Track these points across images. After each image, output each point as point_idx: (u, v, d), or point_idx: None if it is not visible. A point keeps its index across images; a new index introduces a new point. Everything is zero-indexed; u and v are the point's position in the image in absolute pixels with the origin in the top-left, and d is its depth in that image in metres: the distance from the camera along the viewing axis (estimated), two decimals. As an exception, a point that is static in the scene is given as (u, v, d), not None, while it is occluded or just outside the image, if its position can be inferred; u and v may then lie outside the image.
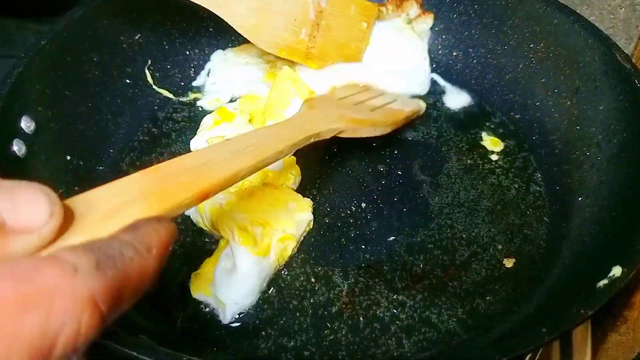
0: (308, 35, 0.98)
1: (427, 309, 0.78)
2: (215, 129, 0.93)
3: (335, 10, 1.00)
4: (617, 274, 0.64)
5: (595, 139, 0.88)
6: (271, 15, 0.94)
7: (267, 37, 0.96)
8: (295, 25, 0.97)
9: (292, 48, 0.98)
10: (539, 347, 0.69)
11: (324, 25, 0.99)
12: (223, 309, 0.76)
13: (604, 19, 1.15)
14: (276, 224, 0.81)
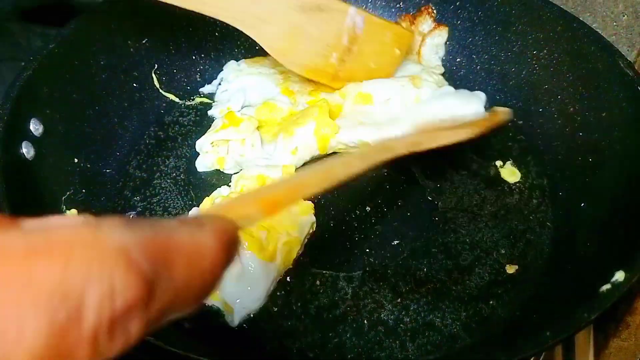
0: (338, 59, 0.95)
1: (430, 313, 0.78)
2: (221, 132, 0.94)
3: (369, 37, 0.96)
4: (620, 279, 0.65)
5: (598, 145, 0.88)
6: (303, 39, 0.92)
7: (297, 59, 0.94)
8: (327, 50, 0.94)
9: (320, 70, 0.96)
10: (541, 351, 0.70)
11: (356, 50, 0.96)
12: (231, 313, 0.77)
13: (606, 26, 1.16)
14: (280, 227, 0.82)
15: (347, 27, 0.93)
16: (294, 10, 0.89)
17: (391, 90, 0.98)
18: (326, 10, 0.91)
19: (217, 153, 0.95)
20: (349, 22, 0.93)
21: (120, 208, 0.90)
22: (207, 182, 0.93)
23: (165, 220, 0.34)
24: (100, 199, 0.90)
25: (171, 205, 0.91)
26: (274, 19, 0.89)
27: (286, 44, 0.91)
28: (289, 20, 0.89)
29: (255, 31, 0.89)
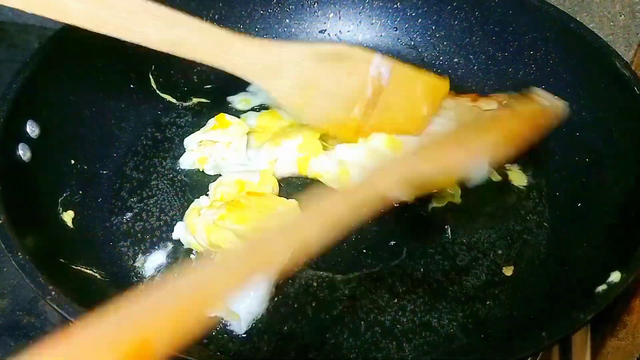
0: (361, 113, 0.85)
1: (427, 313, 0.78)
2: (210, 133, 0.94)
3: (396, 88, 0.85)
4: (616, 280, 0.65)
5: (595, 146, 0.89)
6: (321, 93, 0.82)
7: (314, 115, 0.84)
8: (348, 104, 0.84)
9: (341, 125, 0.86)
10: (538, 351, 0.70)
11: (381, 103, 0.85)
12: (238, 320, 0.76)
13: (603, 26, 1.16)
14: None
15: (371, 78, 0.83)
16: (310, 60, 0.80)
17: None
18: (347, 60, 0.82)
19: (201, 152, 0.95)
20: (374, 73, 0.83)
21: (117, 209, 0.90)
22: (204, 184, 0.93)
23: None
24: (97, 200, 0.90)
25: (168, 206, 0.91)
26: (287, 71, 0.80)
27: (301, 99, 0.82)
28: (305, 71, 0.80)
29: (266, 84, 0.80)
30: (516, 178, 0.94)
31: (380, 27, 1.16)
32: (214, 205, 0.84)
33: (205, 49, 0.76)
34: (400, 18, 1.14)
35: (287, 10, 1.16)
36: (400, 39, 1.15)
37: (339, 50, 0.81)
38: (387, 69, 0.84)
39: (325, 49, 0.81)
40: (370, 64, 0.83)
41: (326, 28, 1.17)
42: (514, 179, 0.94)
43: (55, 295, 0.61)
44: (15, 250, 0.65)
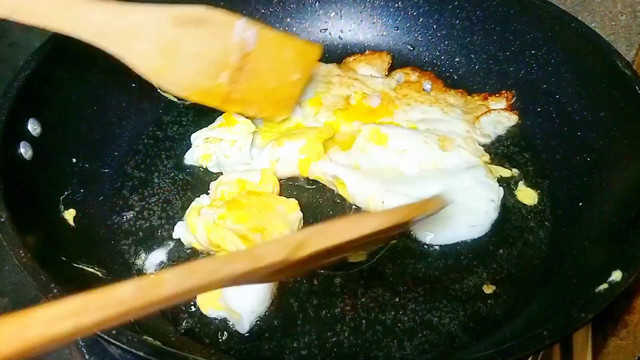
0: (229, 79, 0.82)
1: (428, 312, 0.78)
2: (217, 130, 0.94)
3: (265, 54, 0.82)
4: (617, 279, 0.65)
5: (596, 145, 0.89)
6: (182, 57, 0.78)
7: (176, 80, 0.80)
8: (213, 69, 0.80)
9: (207, 92, 0.83)
10: (539, 350, 0.70)
11: (250, 69, 0.82)
12: (240, 320, 0.76)
13: (605, 26, 1.16)
14: (272, 228, 0.81)
15: (235, 43, 0.79)
16: (167, 24, 0.75)
17: (411, 142, 0.92)
18: (207, 24, 0.77)
19: (206, 149, 0.95)
20: (237, 37, 0.79)
21: (119, 208, 0.90)
22: (206, 182, 0.93)
23: None
24: (99, 199, 0.90)
25: (169, 205, 0.91)
26: (143, 34, 0.75)
27: (161, 62, 0.77)
28: (162, 36, 0.76)
29: (121, 49, 0.75)
30: (526, 197, 0.92)
31: (381, 26, 1.16)
32: (214, 205, 0.84)
33: (48, 13, 0.70)
34: (402, 17, 1.14)
35: (288, 9, 1.16)
36: (402, 38, 1.15)
37: (199, 14, 0.77)
38: (253, 33, 0.80)
39: (184, 12, 0.76)
40: (233, 28, 0.79)
41: (327, 27, 1.18)
42: (523, 199, 0.92)
43: (57, 293, 0.61)
44: (17, 248, 0.65)
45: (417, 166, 0.91)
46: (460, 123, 0.98)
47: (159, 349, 0.57)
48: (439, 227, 0.85)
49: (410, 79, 1.08)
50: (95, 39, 0.73)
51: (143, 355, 0.56)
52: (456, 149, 0.93)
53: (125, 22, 0.73)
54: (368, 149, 0.93)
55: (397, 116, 1.00)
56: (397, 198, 0.86)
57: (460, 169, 0.91)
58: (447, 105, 1.03)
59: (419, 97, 1.04)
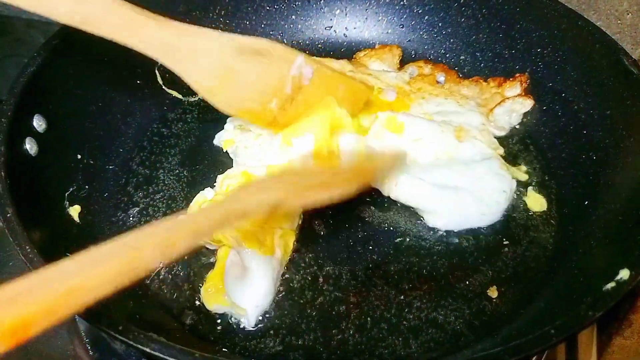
0: (278, 106, 0.83)
1: (434, 310, 0.78)
2: (247, 121, 0.92)
3: (318, 89, 0.84)
4: (625, 277, 0.64)
5: (602, 143, 0.88)
6: (237, 83, 0.80)
7: (228, 101, 0.82)
8: (265, 97, 0.82)
9: (255, 115, 0.84)
10: (546, 349, 0.70)
11: (300, 100, 0.84)
12: (245, 314, 0.76)
13: (610, 24, 1.16)
14: (272, 222, 0.81)
15: (292, 76, 0.82)
16: (229, 52, 0.78)
17: (427, 131, 0.93)
18: (268, 56, 0.80)
19: (233, 135, 0.95)
20: (295, 72, 0.82)
21: (123, 204, 0.90)
22: (211, 179, 0.93)
23: None
24: (103, 195, 0.90)
25: (174, 201, 0.91)
26: (205, 57, 0.77)
27: (217, 84, 0.79)
28: (223, 61, 0.78)
29: (182, 68, 0.77)
30: (534, 204, 0.91)
31: (386, 23, 1.16)
32: (215, 199, 0.84)
33: (116, 26, 0.72)
34: (407, 15, 1.14)
35: (293, 6, 1.16)
36: (407, 36, 1.14)
37: (260, 46, 0.79)
38: (310, 69, 0.83)
39: (246, 42, 0.79)
40: (292, 64, 0.82)
41: (332, 25, 1.17)
42: (533, 206, 0.91)
43: (63, 288, 0.61)
44: (22, 244, 0.65)
45: (432, 155, 0.92)
46: (475, 115, 0.99)
47: (164, 344, 0.57)
48: (450, 212, 0.86)
49: (424, 72, 1.09)
50: (159, 55, 0.75)
51: (148, 351, 0.56)
52: (471, 140, 0.94)
53: (190, 44, 0.76)
54: (384, 135, 0.93)
55: (414, 110, 1.00)
56: (410, 180, 0.87)
57: (474, 159, 0.91)
58: (462, 97, 1.03)
59: (433, 90, 1.05)
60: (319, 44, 1.17)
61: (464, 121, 0.97)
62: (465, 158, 0.92)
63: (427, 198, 0.87)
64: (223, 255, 0.81)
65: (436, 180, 0.88)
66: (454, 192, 0.87)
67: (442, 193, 0.87)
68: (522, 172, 0.95)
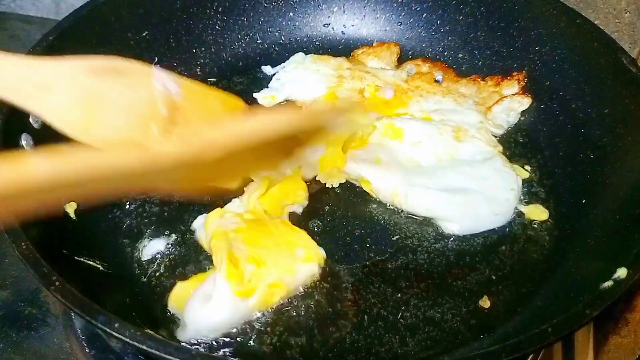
0: (161, 131, 0.75)
1: (431, 308, 0.78)
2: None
3: (193, 105, 0.78)
4: (622, 276, 0.64)
5: (600, 142, 0.88)
6: (104, 109, 0.72)
7: (102, 133, 0.72)
8: (142, 121, 0.74)
9: (138, 146, 0.73)
10: (543, 347, 0.70)
11: (181, 120, 0.77)
12: (183, 328, 0.75)
13: (609, 23, 1.15)
14: (274, 266, 0.77)
15: (159, 93, 0.75)
16: (83, 75, 0.70)
17: (425, 133, 0.93)
18: (127, 74, 0.73)
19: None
20: (159, 86, 0.75)
21: (120, 201, 0.90)
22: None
23: None
24: (100, 192, 0.90)
25: (169, 198, 0.91)
26: (57, 86, 0.68)
27: (81, 116, 0.70)
28: (79, 87, 0.70)
29: (34, 104, 0.68)
30: (535, 214, 0.90)
31: (384, 21, 1.15)
32: (241, 216, 0.82)
33: None
34: (405, 12, 1.14)
35: (291, 3, 1.16)
36: (405, 34, 1.14)
37: (115, 65, 0.73)
38: (174, 83, 0.77)
39: (100, 63, 0.72)
40: (152, 77, 0.75)
41: (330, 22, 1.17)
42: (535, 217, 0.89)
43: (59, 285, 0.61)
44: (18, 241, 0.65)
45: (433, 157, 0.92)
46: (473, 114, 0.99)
47: (160, 342, 0.57)
48: (463, 217, 0.86)
49: (422, 70, 1.09)
50: (7, 93, 0.66)
51: (145, 349, 0.56)
52: (470, 139, 0.94)
53: (39, 75, 0.67)
54: (385, 143, 0.93)
55: (411, 107, 1.00)
56: (419, 191, 0.87)
57: (476, 159, 0.92)
58: (460, 95, 1.04)
59: (431, 88, 1.05)
60: (316, 41, 1.16)
61: (462, 120, 0.97)
62: (467, 158, 0.92)
63: (439, 205, 0.87)
64: (213, 269, 0.79)
65: (444, 185, 0.88)
66: (464, 195, 0.87)
67: (452, 198, 0.87)
68: (523, 170, 0.95)
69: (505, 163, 0.92)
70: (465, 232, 0.86)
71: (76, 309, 0.59)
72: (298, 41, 1.16)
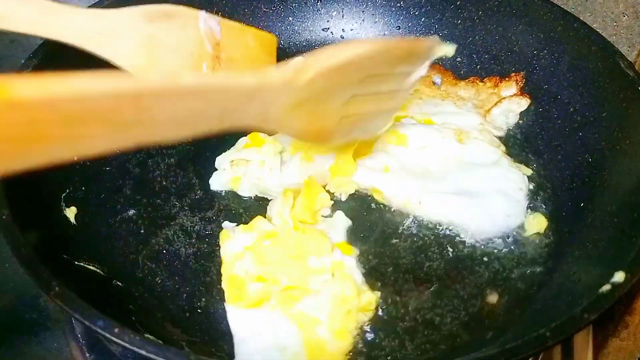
0: (210, 69, 0.85)
1: (430, 311, 0.78)
2: (243, 152, 0.92)
3: (232, 42, 0.87)
4: (620, 280, 0.64)
5: (598, 145, 0.88)
6: (161, 51, 0.81)
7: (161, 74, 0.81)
8: (193, 60, 0.84)
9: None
10: (541, 351, 0.70)
11: (225, 57, 0.86)
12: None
13: (607, 26, 1.16)
14: (285, 276, 0.77)
15: (204, 32, 0.84)
16: (140, 21, 0.80)
17: (429, 138, 0.93)
18: (175, 16, 0.82)
19: (234, 172, 0.92)
20: (204, 27, 0.84)
21: (120, 206, 0.90)
22: (208, 181, 0.93)
23: None
24: (100, 197, 0.90)
25: (170, 203, 0.91)
26: (120, 32, 0.78)
27: (144, 60, 0.80)
28: (138, 32, 0.80)
29: (105, 50, 0.77)
30: (535, 225, 0.88)
31: (383, 25, 1.16)
32: (260, 236, 0.81)
33: (34, 21, 0.73)
34: (404, 17, 1.14)
35: (290, 8, 1.16)
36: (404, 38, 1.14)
37: (166, 9, 0.82)
38: (215, 22, 0.86)
39: (153, 9, 0.81)
40: (198, 18, 0.84)
41: (329, 26, 1.17)
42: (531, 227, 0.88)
43: (58, 290, 0.61)
44: (18, 246, 0.65)
45: (441, 160, 0.92)
46: (473, 116, 0.99)
47: (160, 347, 0.57)
48: (480, 219, 0.86)
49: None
50: (81, 42, 0.76)
51: (144, 354, 0.56)
52: (473, 140, 0.94)
53: (104, 24, 0.77)
54: (390, 150, 0.93)
55: (411, 110, 1.00)
56: (432, 197, 0.87)
57: (482, 160, 0.92)
58: (459, 99, 1.04)
59: (430, 92, 1.05)
60: (315, 45, 1.17)
61: (463, 122, 0.98)
62: (474, 160, 0.92)
63: (454, 210, 0.86)
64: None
65: (457, 189, 0.88)
66: (477, 198, 0.87)
67: (466, 201, 0.86)
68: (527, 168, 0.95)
69: (511, 163, 0.92)
70: (482, 236, 0.85)
71: (75, 313, 0.59)
72: (297, 45, 1.16)
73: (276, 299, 0.75)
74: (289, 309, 0.75)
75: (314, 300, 0.75)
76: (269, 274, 0.76)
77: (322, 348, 0.73)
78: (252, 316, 0.75)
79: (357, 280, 0.79)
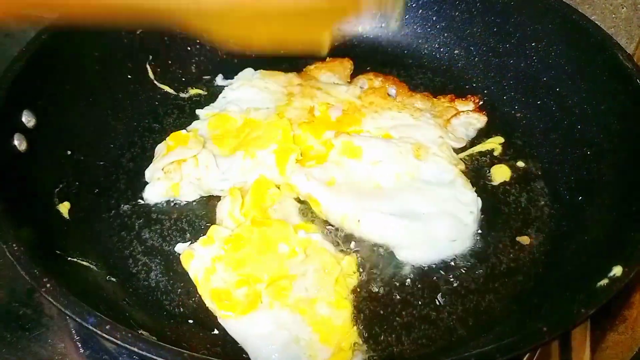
0: None
1: (427, 306, 0.78)
2: (170, 155, 0.90)
3: None
4: (618, 274, 0.64)
5: (596, 138, 0.88)
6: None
7: None
8: None
9: None
10: (539, 345, 0.70)
11: None
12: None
13: (605, 19, 1.15)
14: (265, 272, 0.77)
15: None
16: None
17: (385, 153, 0.90)
18: None
19: (170, 180, 0.89)
20: None
21: (114, 200, 0.89)
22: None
23: None
24: (94, 192, 0.89)
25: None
26: None
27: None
28: None
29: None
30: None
31: (381, 18, 1.15)
32: (222, 243, 0.80)
33: None
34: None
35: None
36: (401, 30, 1.14)
37: None
38: None
39: None
40: None
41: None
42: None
43: (50, 287, 0.61)
44: (10, 242, 0.64)
45: (393, 177, 0.88)
46: (432, 128, 0.96)
47: (152, 344, 0.56)
48: (420, 244, 0.82)
49: (374, 84, 1.04)
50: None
51: (136, 351, 0.55)
52: (432, 157, 0.91)
53: None
54: (343, 162, 0.90)
55: (366, 124, 0.96)
56: (373, 216, 0.84)
57: (437, 179, 0.88)
58: (416, 110, 1.00)
59: (385, 103, 1.00)
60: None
61: (422, 136, 0.94)
62: (428, 178, 0.89)
63: (394, 232, 0.83)
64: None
65: (401, 210, 0.84)
66: (420, 222, 0.83)
67: (408, 224, 0.83)
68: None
69: (465, 184, 0.88)
70: (419, 262, 0.82)
71: (67, 310, 0.59)
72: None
73: (268, 295, 0.75)
74: (286, 300, 0.75)
75: (302, 283, 0.76)
76: (248, 275, 0.76)
77: (329, 324, 0.74)
78: (253, 321, 0.74)
79: (331, 250, 0.80)
